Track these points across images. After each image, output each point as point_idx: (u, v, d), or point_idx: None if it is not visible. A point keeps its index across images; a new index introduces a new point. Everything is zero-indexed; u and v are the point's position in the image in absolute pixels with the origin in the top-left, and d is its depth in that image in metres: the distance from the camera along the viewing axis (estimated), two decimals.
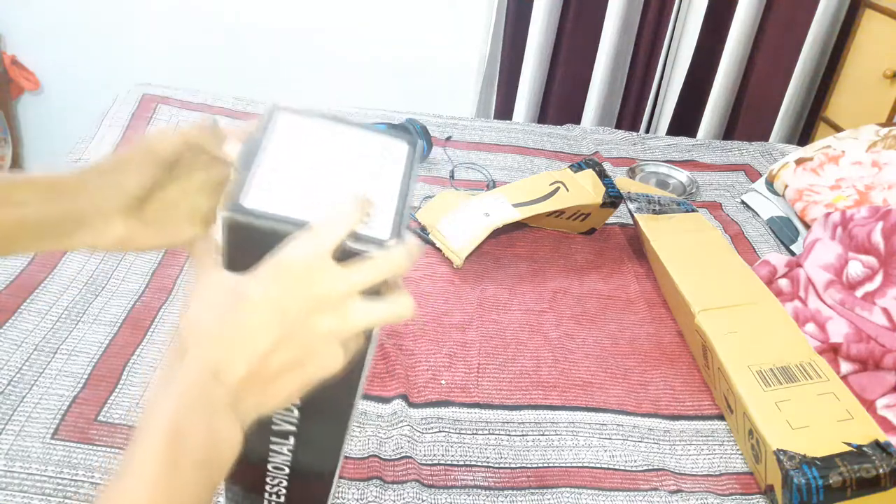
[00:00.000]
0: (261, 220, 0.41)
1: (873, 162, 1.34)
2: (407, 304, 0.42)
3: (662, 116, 2.10)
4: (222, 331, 0.39)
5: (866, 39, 1.83)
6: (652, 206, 1.22)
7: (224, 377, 0.39)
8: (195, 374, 0.39)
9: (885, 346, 0.97)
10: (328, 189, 0.45)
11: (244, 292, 0.40)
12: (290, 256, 0.40)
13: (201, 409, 0.38)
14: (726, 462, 0.89)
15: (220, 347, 0.39)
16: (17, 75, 2.07)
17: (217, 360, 0.39)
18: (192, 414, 0.38)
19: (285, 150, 0.47)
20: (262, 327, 0.39)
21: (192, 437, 0.37)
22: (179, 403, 0.38)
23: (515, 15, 1.97)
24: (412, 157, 0.50)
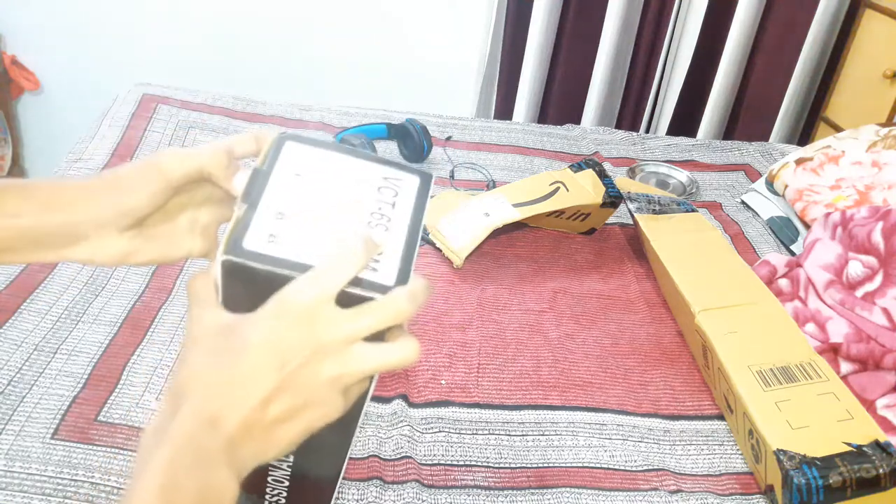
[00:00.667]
0: (260, 263, 0.40)
1: (873, 162, 1.34)
2: (412, 349, 0.40)
3: (662, 116, 2.10)
4: (219, 377, 0.38)
5: (866, 39, 1.83)
6: (652, 206, 1.22)
7: (220, 426, 0.37)
8: (190, 422, 0.37)
9: (885, 346, 0.97)
10: (333, 229, 0.43)
11: (242, 336, 0.39)
12: (291, 299, 0.39)
13: (196, 459, 0.37)
14: (726, 462, 0.89)
15: (216, 395, 0.38)
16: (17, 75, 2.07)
17: (213, 408, 0.37)
18: (187, 464, 0.36)
19: (290, 186, 0.45)
20: (260, 374, 0.38)
21: (186, 489, 0.36)
22: (174, 453, 0.36)
23: (515, 15, 1.97)
24: (423, 190, 0.48)
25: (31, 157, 2.25)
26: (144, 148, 1.37)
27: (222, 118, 1.53)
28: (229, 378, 0.38)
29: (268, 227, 0.42)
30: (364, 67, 2.13)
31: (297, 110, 1.61)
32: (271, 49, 2.09)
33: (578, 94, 2.06)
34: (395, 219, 0.45)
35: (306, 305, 0.38)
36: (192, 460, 0.36)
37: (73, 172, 1.26)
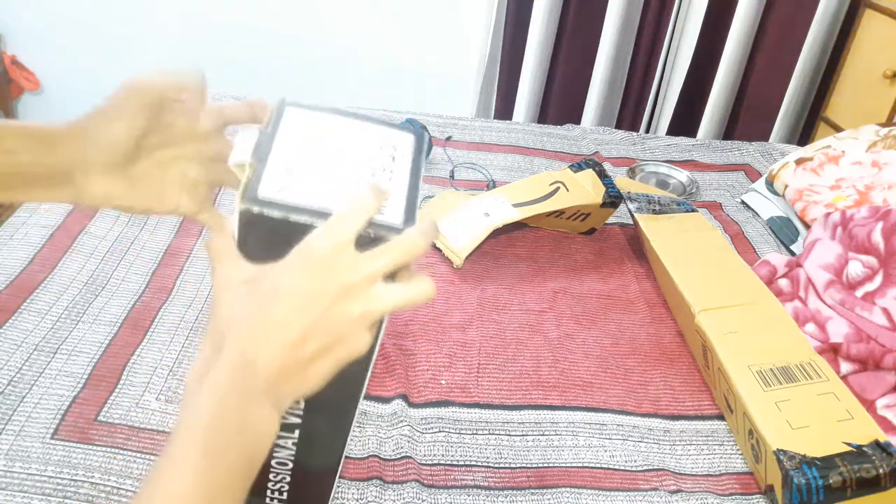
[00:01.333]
0: (278, 210, 0.43)
1: (873, 162, 1.34)
2: (428, 286, 0.43)
3: (662, 116, 2.10)
4: (255, 322, 0.40)
5: (866, 39, 1.83)
6: (652, 206, 1.22)
7: (260, 367, 0.39)
8: (232, 365, 0.39)
9: (885, 346, 0.97)
10: (340, 180, 0.46)
11: (273, 283, 0.41)
12: (316, 246, 0.41)
13: (240, 398, 0.39)
14: (726, 462, 0.89)
15: (254, 339, 0.40)
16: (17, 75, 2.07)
17: (252, 351, 0.40)
18: (231, 403, 0.39)
19: (296, 143, 0.48)
20: (293, 318, 0.40)
21: (231, 426, 0.38)
22: (217, 394, 0.39)
23: (515, 15, 1.97)
24: (418, 148, 0.51)
25: None
26: None
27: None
28: (265, 323, 0.40)
29: (279, 180, 0.45)
30: (364, 67, 2.13)
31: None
32: (271, 49, 2.09)
33: (578, 94, 2.06)
34: (397, 171, 0.49)
35: (329, 251, 0.41)
36: (236, 400, 0.39)
37: None
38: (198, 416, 0.38)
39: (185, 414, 0.39)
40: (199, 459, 0.37)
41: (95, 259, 1.07)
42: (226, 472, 0.38)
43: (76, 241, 1.09)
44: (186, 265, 1.09)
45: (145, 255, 1.09)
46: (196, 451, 0.37)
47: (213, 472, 0.37)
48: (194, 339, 0.95)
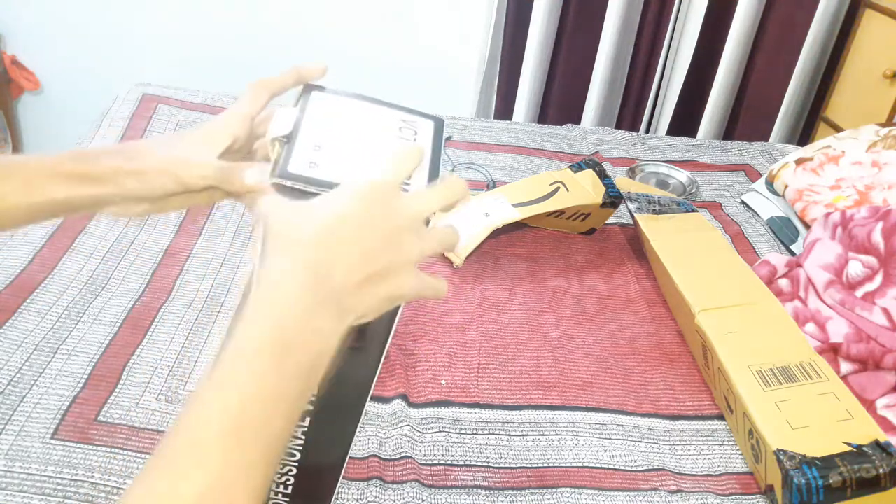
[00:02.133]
0: (307, 184, 0.45)
1: (873, 162, 1.34)
2: (454, 231, 0.46)
3: (662, 116, 2.10)
4: (321, 236, 0.41)
5: (866, 39, 1.83)
6: (652, 206, 1.22)
7: (329, 277, 0.40)
8: (302, 273, 0.40)
9: (885, 346, 0.97)
10: (367, 156, 0.49)
11: (336, 206, 0.42)
12: (373, 181, 0.43)
13: (306, 303, 0.40)
14: (726, 462, 0.89)
15: (321, 251, 0.41)
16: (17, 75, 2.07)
17: (319, 261, 0.41)
18: (298, 306, 0.39)
19: (322, 125, 0.51)
20: (359, 237, 0.41)
21: (297, 326, 0.39)
22: (283, 297, 0.39)
23: (515, 15, 1.97)
24: (438, 131, 0.55)
25: None
26: None
27: None
28: (331, 238, 0.41)
29: (308, 156, 0.47)
30: (364, 68, 2.13)
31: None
32: (271, 49, 2.09)
33: (578, 94, 2.06)
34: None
35: (387, 186, 0.43)
36: (303, 304, 0.39)
37: None
38: (264, 314, 0.39)
39: (249, 318, 0.39)
40: (265, 349, 0.37)
41: (95, 259, 1.07)
42: (292, 368, 0.38)
43: (76, 241, 1.09)
44: (186, 265, 1.09)
45: (145, 255, 1.09)
46: (264, 342, 0.37)
47: (279, 367, 0.37)
48: (194, 339, 0.95)
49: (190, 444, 0.34)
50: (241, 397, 0.36)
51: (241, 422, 0.35)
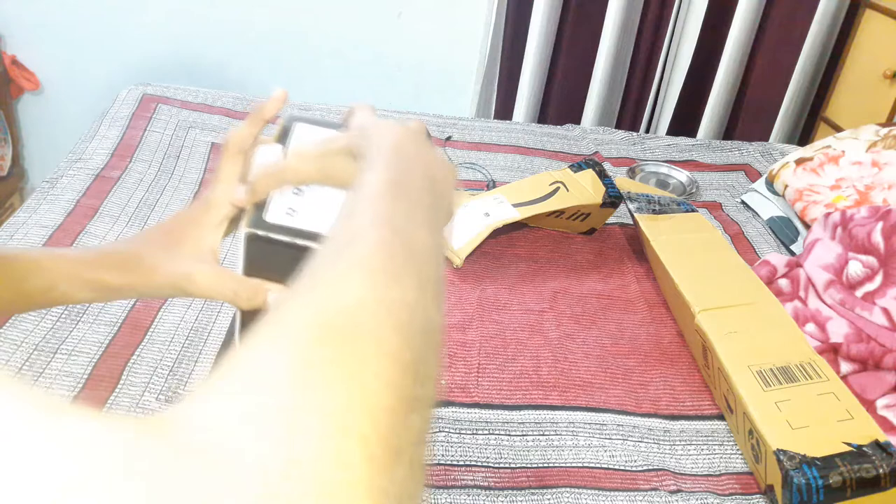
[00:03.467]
0: (282, 234, 0.43)
1: (873, 162, 1.34)
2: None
3: (662, 116, 2.10)
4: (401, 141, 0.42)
5: (866, 39, 1.83)
6: (652, 206, 1.22)
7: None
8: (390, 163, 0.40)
9: (885, 346, 0.97)
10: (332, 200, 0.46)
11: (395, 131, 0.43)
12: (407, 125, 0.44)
13: (419, 146, 0.41)
14: (726, 462, 0.89)
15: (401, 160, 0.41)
16: (17, 75, 2.06)
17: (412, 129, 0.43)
18: (411, 149, 0.40)
19: None
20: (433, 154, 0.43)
21: (412, 157, 0.39)
22: (398, 136, 0.41)
23: (515, 15, 1.97)
24: None
25: (31, 157, 2.24)
26: (144, 148, 1.37)
27: (222, 118, 1.53)
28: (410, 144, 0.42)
29: (287, 202, 0.45)
30: (364, 67, 2.13)
31: (296, 110, 1.61)
32: (271, 49, 2.09)
33: (578, 94, 2.06)
34: None
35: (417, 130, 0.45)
36: (415, 147, 0.40)
37: (73, 172, 1.26)
38: (372, 175, 0.37)
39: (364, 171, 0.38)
40: (384, 181, 0.36)
41: None
42: (416, 182, 0.38)
43: (76, 241, 1.09)
44: None
45: None
46: (381, 180, 0.37)
47: (403, 185, 0.36)
48: (194, 338, 0.95)
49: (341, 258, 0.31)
50: (377, 210, 0.34)
51: (387, 225, 0.33)
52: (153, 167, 1.32)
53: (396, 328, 0.26)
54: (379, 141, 0.40)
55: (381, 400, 0.23)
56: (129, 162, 1.32)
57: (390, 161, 0.38)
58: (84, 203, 1.18)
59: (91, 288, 0.49)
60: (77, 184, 1.23)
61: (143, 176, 1.29)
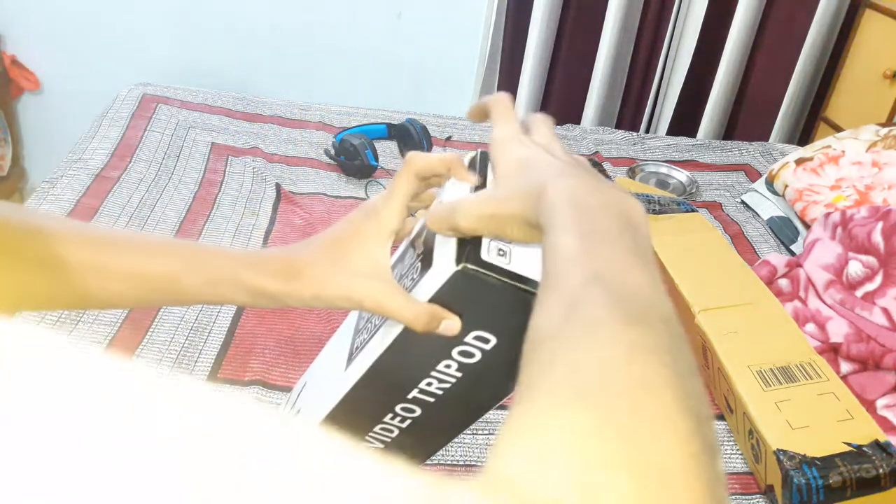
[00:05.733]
0: (495, 274, 0.42)
1: (873, 162, 1.34)
2: None
3: (662, 116, 2.10)
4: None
5: (866, 39, 1.83)
6: (652, 206, 1.22)
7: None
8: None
9: (885, 346, 0.96)
10: (529, 249, 0.44)
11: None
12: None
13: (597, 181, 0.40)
14: (726, 462, 0.89)
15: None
16: (17, 75, 2.07)
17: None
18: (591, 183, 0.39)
19: None
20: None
21: (591, 192, 0.38)
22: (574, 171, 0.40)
23: (515, 15, 1.97)
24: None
25: (31, 157, 2.25)
26: (144, 148, 1.37)
27: (222, 118, 1.53)
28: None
29: (497, 242, 0.43)
30: (364, 68, 2.13)
31: (297, 110, 1.61)
32: (271, 49, 2.09)
33: (578, 94, 2.06)
34: None
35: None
36: (591, 190, 0.38)
37: (73, 172, 1.26)
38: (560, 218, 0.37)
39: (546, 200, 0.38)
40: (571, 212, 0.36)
41: None
42: (600, 220, 0.36)
43: None
44: None
45: None
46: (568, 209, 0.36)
47: (587, 220, 0.36)
48: (194, 338, 0.95)
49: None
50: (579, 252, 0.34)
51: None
52: (153, 167, 1.32)
53: (660, 374, 0.27)
54: (554, 199, 0.38)
55: (687, 448, 0.25)
56: (129, 162, 1.32)
57: (574, 216, 0.37)
58: (84, 203, 1.18)
59: (249, 292, 0.48)
60: (77, 184, 1.23)
61: (143, 176, 1.29)
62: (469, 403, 0.50)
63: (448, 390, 0.48)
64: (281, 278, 0.48)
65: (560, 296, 0.32)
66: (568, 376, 0.27)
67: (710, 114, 2.06)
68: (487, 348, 0.45)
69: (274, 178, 1.35)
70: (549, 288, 0.34)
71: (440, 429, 0.53)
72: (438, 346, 0.45)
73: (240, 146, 1.44)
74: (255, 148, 1.44)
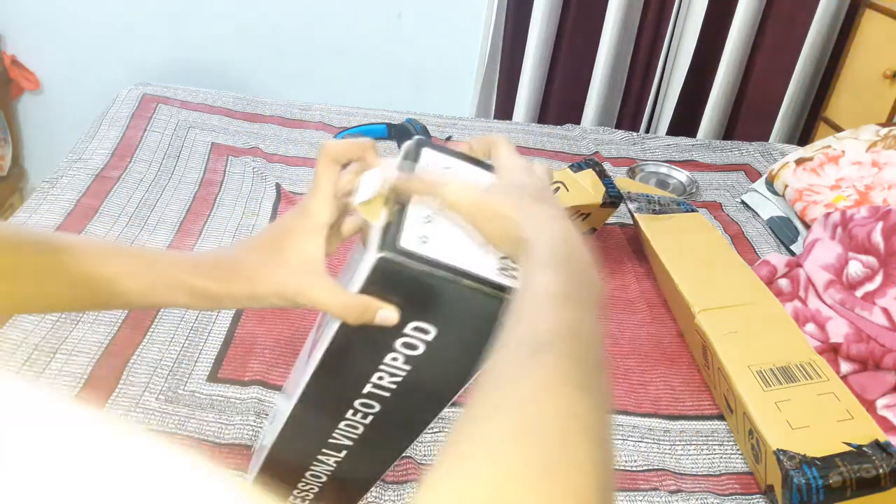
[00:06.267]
0: (415, 261, 0.42)
1: (873, 162, 1.34)
2: None
3: (662, 116, 2.10)
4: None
5: (866, 39, 1.83)
6: (652, 206, 1.22)
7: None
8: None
9: (885, 346, 0.97)
10: (457, 235, 0.45)
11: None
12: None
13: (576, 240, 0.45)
14: (726, 462, 0.89)
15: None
16: (17, 75, 2.07)
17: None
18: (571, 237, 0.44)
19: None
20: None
21: (573, 246, 0.43)
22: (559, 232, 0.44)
23: (515, 15, 1.97)
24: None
25: (31, 157, 2.25)
26: (144, 148, 1.37)
27: (222, 118, 1.53)
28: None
29: (420, 229, 0.44)
30: (364, 68, 2.13)
31: (297, 110, 1.61)
32: (271, 49, 2.09)
33: (578, 94, 2.06)
34: None
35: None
36: (575, 237, 0.44)
37: (73, 172, 1.26)
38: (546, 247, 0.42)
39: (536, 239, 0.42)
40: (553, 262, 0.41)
41: None
42: (576, 282, 0.40)
43: None
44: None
45: None
46: (550, 258, 0.41)
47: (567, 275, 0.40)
48: (194, 338, 0.95)
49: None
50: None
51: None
52: (153, 167, 1.32)
53: (588, 437, 0.31)
54: (545, 232, 0.42)
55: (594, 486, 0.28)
56: (129, 162, 1.32)
57: (560, 262, 0.41)
58: (84, 203, 1.18)
59: (191, 294, 0.48)
60: (77, 184, 1.23)
61: (143, 176, 1.29)
62: (428, 396, 0.50)
63: (401, 384, 0.48)
64: (219, 279, 0.48)
65: (529, 332, 0.35)
66: (503, 424, 0.30)
67: (710, 114, 2.06)
68: (430, 339, 0.45)
69: (274, 178, 1.35)
70: (522, 318, 0.37)
71: (404, 424, 0.53)
72: (380, 338, 0.45)
73: (240, 146, 1.44)
74: (255, 148, 1.44)
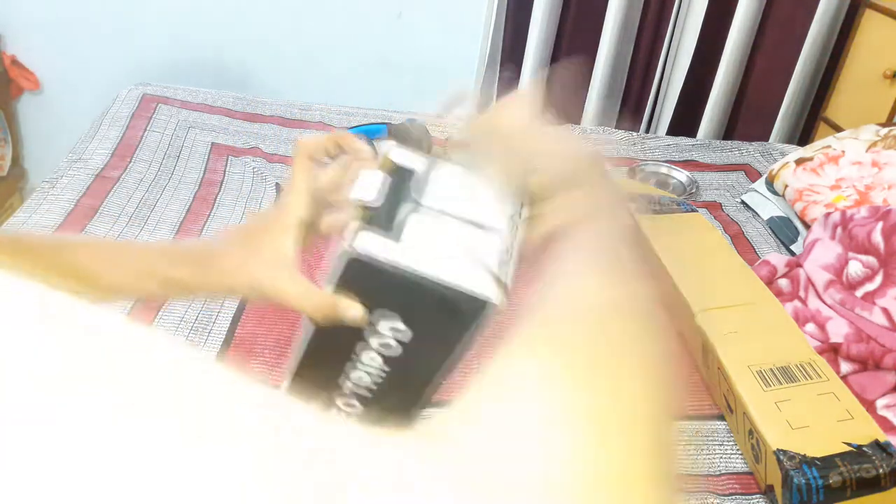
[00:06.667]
0: (389, 261, 0.41)
1: (873, 162, 1.34)
2: None
3: (662, 116, 2.09)
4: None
5: (866, 39, 1.83)
6: (652, 206, 1.22)
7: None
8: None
9: (885, 346, 0.96)
10: (444, 234, 0.45)
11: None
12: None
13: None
14: (726, 462, 0.89)
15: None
16: (17, 75, 2.06)
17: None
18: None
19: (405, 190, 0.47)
20: None
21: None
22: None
23: (515, 15, 1.97)
24: (517, 213, 0.51)
25: (31, 157, 2.25)
26: (144, 148, 1.37)
27: (222, 118, 1.53)
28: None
29: (407, 224, 0.44)
30: (364, 68, 2.13)
31: (297, 110, 1.61)
32: (271, 49, 2.09)
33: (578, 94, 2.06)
34: (494, 228, 0.52)
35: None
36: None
37: (73, 172, 1.26)
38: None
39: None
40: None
41: None
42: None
43: None
44: None
45: None
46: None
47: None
48: (194, 339, 0.95)
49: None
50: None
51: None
52: (153, 167, 1.32)
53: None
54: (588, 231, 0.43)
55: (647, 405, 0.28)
56: (129, 162, 1.32)
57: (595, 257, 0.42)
58: (84, 203, 1.18)
59: (162, 283, 0.48)
60: (77, 184, 1.22)
61: (143, 176, 1.29)
62: (408, 395, 0.49)
63: (381, 385, 0.48)
64: (192, 268, 0.48)
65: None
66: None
67: (710, 114, 2.06)
68: (406, 341, 0.45)
69: (274, 178, 1.35)
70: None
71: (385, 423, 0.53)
72: (356, 336, 0.45)
73: (240, 146, 1.44)
74: (255, 148, 1.44)
